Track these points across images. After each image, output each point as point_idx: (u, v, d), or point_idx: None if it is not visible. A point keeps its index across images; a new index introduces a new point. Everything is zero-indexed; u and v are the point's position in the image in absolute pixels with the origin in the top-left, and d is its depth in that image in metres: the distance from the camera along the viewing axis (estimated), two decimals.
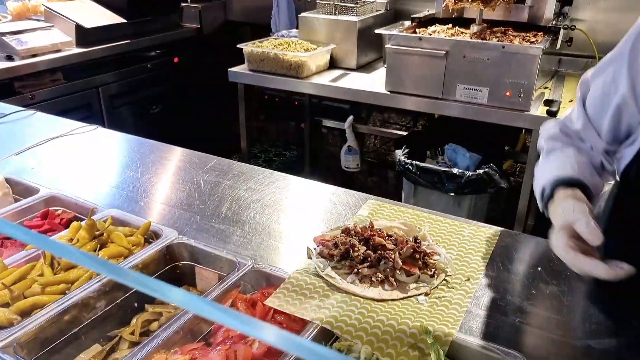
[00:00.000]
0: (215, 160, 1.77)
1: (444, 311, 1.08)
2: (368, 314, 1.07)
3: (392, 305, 1.10)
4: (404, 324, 1.04)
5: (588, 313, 1.07)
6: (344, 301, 1.11)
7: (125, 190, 1.58)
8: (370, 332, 1.02)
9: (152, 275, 1.29)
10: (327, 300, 1.11)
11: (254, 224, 1.39)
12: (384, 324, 1.04)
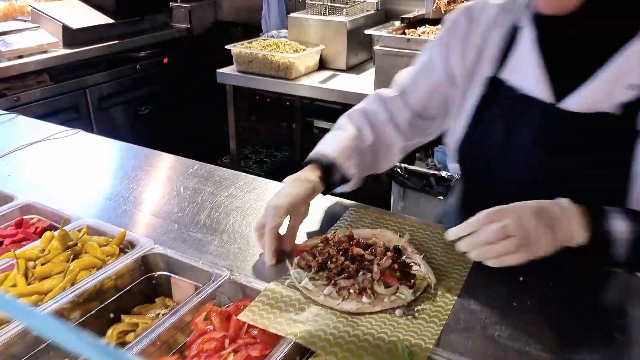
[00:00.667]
0: (197, 165, 1.75)
1: (421, 325, 1.06)
2: (344, 328, 1.05)
3: (369, 319, 1.08)
4: (380, 339, 1.01)
5: (570, 326, 1.05)
6: (319, 314, 1.09)
7: (104, 197, 1.55)
8: (345, 348, 1.00)
9: (127, 286, 1.26)
10: (303, 314, 1.09)
11: (232, 233, 1.37)
12: (360, 338, 1.02)
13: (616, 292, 1.17)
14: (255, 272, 1.22)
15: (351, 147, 1.33)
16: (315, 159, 1.31)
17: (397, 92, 1.38)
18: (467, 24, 1.27)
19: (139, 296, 1.29)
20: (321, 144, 1.35)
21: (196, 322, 1.11)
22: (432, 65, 1.33)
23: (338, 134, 1.36)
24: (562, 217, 1.02)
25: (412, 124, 1.39)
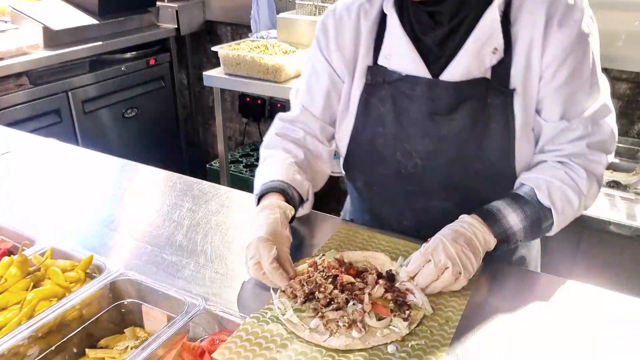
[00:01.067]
0: (176, 178, 1.64)
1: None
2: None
3: (358, 356, 0.98)
4: None
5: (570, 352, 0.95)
6: (303, 352, 0.98)
7: (73, 216, 1.45)
8: None
9: (93, 315, 1.16)
10: (284, 352, 0.98)
11: (210, 255, 1.26)
12: None
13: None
14: (233, 300, 1.12)
15: (290, 165, 1.31)
16: (267, 189, 1.25)
17: (299, 109, 1.38)
18: (335, 23, 1.31)
19: (107, 326, 1.19)
20: (262, 177, 1.30)
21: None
22: (317, 72, 1.35)
23: (271, 162, 1.33)
24: (473, 233, 1.12)
25: (327, 131, 1.38)
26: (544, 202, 1.15)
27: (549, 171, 1.18)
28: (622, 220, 2.20)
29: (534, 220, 1.15)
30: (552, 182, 1.16)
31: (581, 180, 1.16)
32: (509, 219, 1.14)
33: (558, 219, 1.16)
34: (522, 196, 1.17)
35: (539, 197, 1.15)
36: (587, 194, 1.18)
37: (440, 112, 1.21)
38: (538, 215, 1.16)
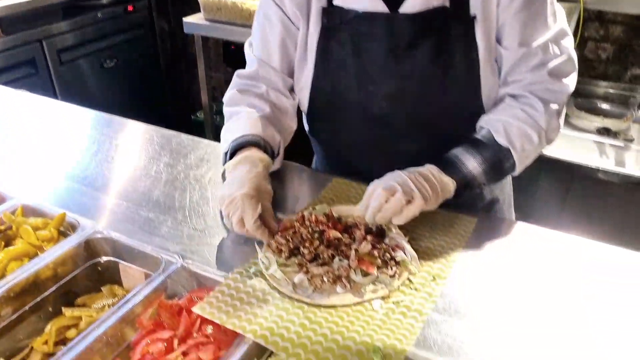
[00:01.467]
0: (153, 131, 1.57)
1: (400, 321, 0.93)
2: (310, 326, 0.92)
3: (342, 313, 0.96)
4: (350, 339, 0.89)
5: (560, 320, 0.94)
6: (285, 308, 0.96)
7: (45, 172, 1.39)
8: (310, 349, 0.88)
9: (68, 274, 1.12)
10: (266, 307, 0.96)
11: (188, 211, 1.22)
12: (327, 338, 0.90)
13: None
14: (212, 257, 1.09)
15: (259, 119, 1.25)
16: (241, 143, 1.20)
17: (256, 63, 1.31)
18: None
19: (83, 284, 1.16)
20: (231, 133, 1.24)
21: (141, 320, 0.98)
22: (269, 20, 1.27)
23: (238, 118, 1.27)
24: (430, 173, 1.11)
25: (289, 83, 1.33)
26: (502, 143, 1.15)
27: (506, 111, 1.17)
28: (610, 168, 2.18)
29: (494, 162, 1.16)
30: (509, 122, 1.15)
31: (539, 115, 1.15)
32: (467, 165, 1.14)
33: (519, 158, 1.16)
34: (480, 140, 1.17)
35: (496, 139, 1.15)
36: (548, 128, 1.17)
37: (401, 49, 1.18)
38: (498, 157, 1.16)
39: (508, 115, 1.16)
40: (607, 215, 2.25)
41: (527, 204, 2.41)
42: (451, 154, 1.17)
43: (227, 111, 1.32)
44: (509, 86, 1.19)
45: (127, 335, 1.02)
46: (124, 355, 0.99)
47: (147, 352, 0.93)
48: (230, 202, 1.08)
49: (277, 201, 1.20)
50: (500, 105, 1.20)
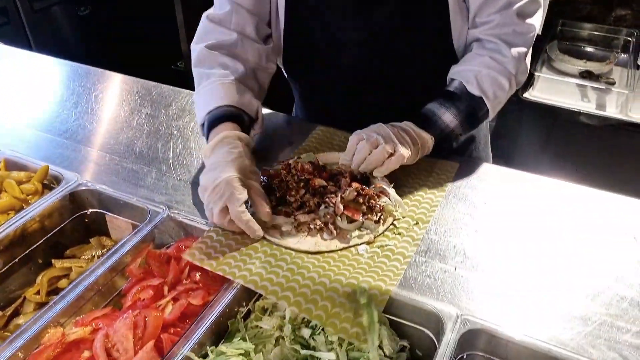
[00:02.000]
0: (133, 82, 1.55)
1: (384, 263, 0.97)
2: (298, 270, 0.96)
3: (328, 258, 0.99)
4: (337, 282, 0.93)
5: (538, 257, 0.98)
6: (272, 254, 0.99)
7: (24, 125, 1.37)
8: (298, 292, 0.91)
9: (56, 227, 1.14)
10: (254, 254, 0.99)
11: (172, 162, 1.23)
12: (315, 281, 0.93)
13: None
14: (198, 207, 1.10)
15: (232, 85, 1.17)
16: (216, 117, 1.13)
17: (228, 4, 1.21)
18: None
19: (71, 237, 1.17)
20: (205, 102, 1.16)
21: (131, 269, 1.01)
22: None
23: (210, 85, 1.18)
24: (410, 127, 1.12)
25: (262, 29, 1.25)
26: (474, 93, 1.15)
27: (475, 60, 1.17)
28: (591, 111, 2.21)
29: (469, 113, 1.17)
30: (479, 72, 1.15)
31: (508, 60, 1.16)
32: (444, 119, 1.15)
33: (492, 105, 1.17)
34: (454, 92, 1.17)
35: (469, 90, 1.16)
36: (517, 72, 1.18)
37: (368, 2, 1.16)
38: (472, 107, 1.17)
39: (477, 65, 1.16)
40: (587, 158, 2.29)
41: (509, 147, 2.44)
42: (427, 109, 1.17)
43: (196, 73, 1.22)
44: (477, 29, 1.18)
45: (118, 284, 1.05)
46: (116, 303, 1.02)
47: (138, 299, 0.96)
48: (214, 190, 0.99)
49: (262, 151, 1.20)
50: (468, 55, 1.20)
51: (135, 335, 0.88)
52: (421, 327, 0.90)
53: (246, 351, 0.86)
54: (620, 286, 0.91)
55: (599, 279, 0.92)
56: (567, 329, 0.84)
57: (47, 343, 0.86)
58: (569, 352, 0.80)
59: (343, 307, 0.88)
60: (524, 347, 0.82)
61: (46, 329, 0.89)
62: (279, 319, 0.92)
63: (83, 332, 0.87)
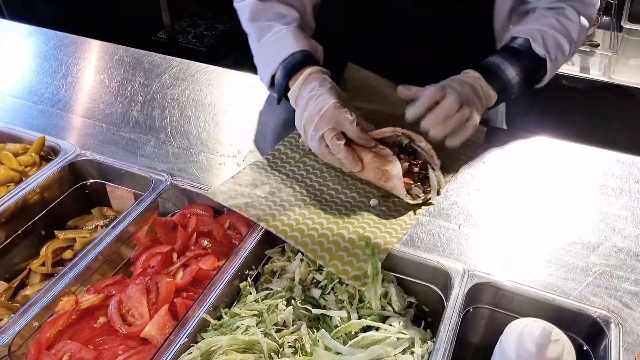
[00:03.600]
0: (122, 50, 1.52)
1: (394, 216, 1.00)
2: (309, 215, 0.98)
3: (345, 202, 1.02)
4: (344, 229, 0.95)
5: (533, 214, 1.01)
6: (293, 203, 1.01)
7: (14, 96, 1.34)
8: (306, 234, 0.94)
9: (56, 198, 1.13)
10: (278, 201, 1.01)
11: (170, 131, 1.22)
12: (323, 226, 0.96)
13: None
14: (200, 174, 1.10)
15: (297, 31, 1.14)
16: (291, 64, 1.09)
17: None
18: None
19: (72, 208, 1.17)
20: (273, 55, 1.12)
21: (138, 237, 1.01)
22: None
23: (274, 34, 1.14)
24: (479, 86, 1.08)
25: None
26: (539, 52, 1.11)
27: (541, 20, 1.13)
28: (576, 74, 2.23)
29: (528, 72, 1.13)
30: (545, 31, 1.11)
31: (573, 25, 1.13)
32: (507, 74, 1.10)
33: (551, 68, 1.13)
34: (518, 49, 1.12)
35: (533, 48, 1.11)
36: (577, 40, 1.15)
37: None
38: (533, 67, 1.13)
39: (544, 25, 1.12)
40: (573, 120, 2.33)
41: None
42: (491, 62, 1.12)
43: (254, 27, 1.18)
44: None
45: (124, 253, 1.05)
46: (124, 271, 1.03)
47: (148, 266, 0.96)
48: (322, 117, 0.98)
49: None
50: (533, 15, 1.16)
51: (148, 300, 0.89)
52: (428, 284, 0.93)
53: (259, 312, 0.88)
54: (618, 238, 0.94)
55: (597, 232, 0.96)
56: (569, 280, 0.87)
57: (61, 311, 0.86)
58: (572, 301, 0.83)
59: (347, 252, 0.91)
60: (529, 298, 0.85)
61: (58, 297, 0.89)
62: (289, 281, 0.94)
63: (97, 299, 0.88)
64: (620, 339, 0.78)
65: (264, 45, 1.15)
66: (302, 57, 1.09)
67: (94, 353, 0.81)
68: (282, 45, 1.12)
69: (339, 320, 0.88)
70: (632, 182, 1.06)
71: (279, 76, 1.10)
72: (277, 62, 1.10)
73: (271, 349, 0.84)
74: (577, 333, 0.83)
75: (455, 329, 0.80)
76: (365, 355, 0.83)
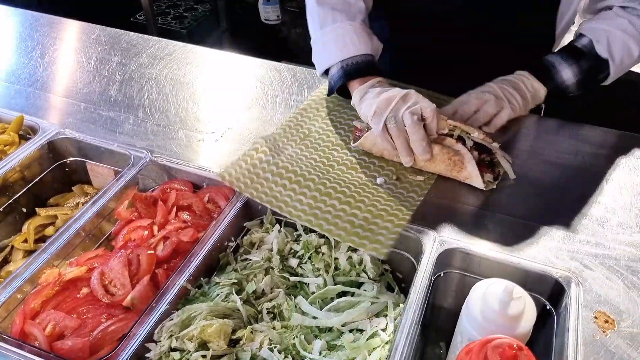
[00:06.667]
0: (99, 29, 1.51)
1: (402, 194, 1.02)
2: (320, 197, 1.00)
3: (349, 184, 1.03)
4: (357, 208, 0.98)
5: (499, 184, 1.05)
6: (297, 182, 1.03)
7: None
8: (331, 222, 0.96)
9: (36, 176, 1.14)
10: (288, 184, 1.03)
11: (148, 109, 1.23)
12: (347, 212, 0.97)
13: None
14: (179, 150, 1.12)
15: (362, 29, 1.16)
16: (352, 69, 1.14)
17: None
18: None
19: (53, 186, 1.18)
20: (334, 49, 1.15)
21: (119, 211, 1.03)
22: None
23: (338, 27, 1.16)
24: (521, 81, 1.11)
25: None
26: (602, 54, 1.11)
27: (612, 20, 1.12)
28: None
29: (589, 73, 1.13)
30: (612, 33, 1.10)
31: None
32: (562, 74, 1.12)
33: (615, 70, 1.13)
34: (580, 49, 1.13)
35: (597, 50, 1.11)
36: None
37: None
38: (594, 68, 1.13)
39: (613, 26, 1.10)
40: None
41: None
42: (548, 61, 1.14)
43: (318, 11, 1.19)
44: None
45: (105, 229, 1.07)
46: (106, 245, 1.05)
47: (129, 239, 0.99)
48: (404, 98, 1.01)
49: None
50: (605, 13, 1.14)
51: (130, 272, 0.91)
52: (401, 251, 0.97)
53: (239, 280, 0.91)
54: (581, 204, 0.99)
55: (561, 200, 1.00)
56: (533, 244, 0.91)
57: (45, 283, 0.88)
58: (536, 263, 0.88)
59: (362, 228, 0.94)
60: (495, 262, 0.89)
61: (41, 271, 0.91)
62: (267, 252, 0.97)
63: (79, 271, 0.90)
64: (580, 297, 0.83)
65: (326, 34, 1.17)
66: (364, 63, 1.13)
67: (77, 321, 0.83)
68: (344, 41, 1.14)
69: (316, 287, 0.92)
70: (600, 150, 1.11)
71: (335, 74, 1.14)
72: (335, 59, 1.14)
73: (250, 315, 0.88)
74: (541, 293, 0.88)
75: (427, 292, 0.84)
76: (341, 319, 0.87)
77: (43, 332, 0.82)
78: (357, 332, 0.86)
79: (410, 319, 0.80)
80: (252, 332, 0.84)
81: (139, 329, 0.80)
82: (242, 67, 1.36)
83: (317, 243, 0.96)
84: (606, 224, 0.95)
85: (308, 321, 0.87)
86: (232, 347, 0.82)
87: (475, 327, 0.75)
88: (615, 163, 1.08)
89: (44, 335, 0.82)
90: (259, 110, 1.21)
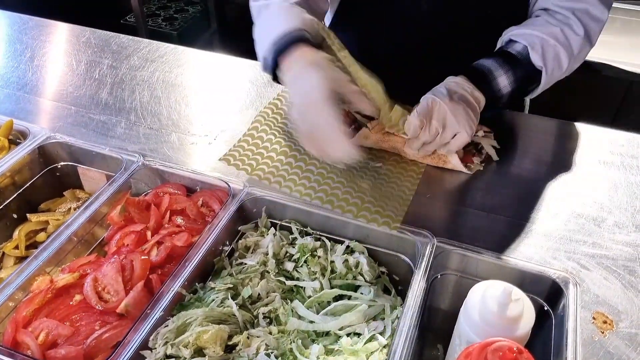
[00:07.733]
0: (89, 32, 1.50)
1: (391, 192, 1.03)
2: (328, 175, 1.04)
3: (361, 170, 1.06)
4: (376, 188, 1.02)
5: (498, 184, 1.05)
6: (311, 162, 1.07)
7: None
8: (341, 198, 0.99)
9: (27, 181, 1.12)
10: (294, 163, 1.06)
11: (140, 112, 1.21)
12: (355, 189, 1.01)
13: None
14: (172, 154, 1.11)
15: (292, 9, 1.04)
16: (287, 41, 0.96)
17: None
18: None
19: (44, 191, 1.16)
20: (265, 34, 1.01)
21: (112, 216, 1.01)
22: None
23: (269, 14, 1.06)
24: (466, 91, 1.02)
25: None
26: (536, 63, 1.03)
27: (544, 27, 1.04)
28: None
29: (521, 83, 1.05)
30: (546, 41, 1.02)
31: (576, 39, 1.04)
32: (498, 81, 1.03)
33: (545, 81, 1.06)
34: (515, 55, 1.04)
35: (531, 58, 1.03)
36: (577, 56, 1.06)
37: None
38: (527, 78, 1.05)
39: (546, 33, 1.02)
40: None
41: None
42: (483, 66, 1.04)
43: (255, 6, 1.11)
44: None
45: (98, 234, 1.06)
46: (99, 251, 1.03)
47: (122, 245, 0.97)
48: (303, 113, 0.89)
49: None
50: (537, 19, 1.07)
51: (124, 278, 0.90)
52: (398, 254, 0.96)
53: (234, 285, 0.90)
54: (577, 204, 0.99)
55: (557, 200, 1.00)
56: (530, 245, 0.91)
57: (37, 290, 0.87)
58: (533, 264, 0.88)
59: (372, 204, 0.98)
60: (492, 263, 0.89)
61: (33, 278, 0.90)
62: (263, 256, 0.96)
63: (72, 278, 0.89)
64: (577, 297, 0.83)
65: (259, 27, 1.06)
66: (290, 40, 0.95)
67: (71, 329, 0.82)
68: (271, 25, 1.01)
69: (312, 291, 0.91)
70: (592, 151, 1.11)
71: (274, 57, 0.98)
72: (267, 45, 0.98)
73: (246, 320, 0.87)
74: (538, 294, 0.88)
75: (424, 294, 0.84)
76: (338, 323, 0.86)
77: (36, 340, 0.80)
78: (355, 335, 0.86)
79: (407, 322, 0.79)
80: (248, 338, 0.83)
81: (133, 336, 0.79)
82: (234, 69, 1.35)
83: (313, 246, 0.96)
84: (602, 223, 0.95)
85: (305, 325, 0.86)
86: (229, 353, 0.82)
87: (474, 330, 0.75)
88: (610, 162, 1.08)
89: (36, 344, 0.80)
90: (252, 112, 1.20)
